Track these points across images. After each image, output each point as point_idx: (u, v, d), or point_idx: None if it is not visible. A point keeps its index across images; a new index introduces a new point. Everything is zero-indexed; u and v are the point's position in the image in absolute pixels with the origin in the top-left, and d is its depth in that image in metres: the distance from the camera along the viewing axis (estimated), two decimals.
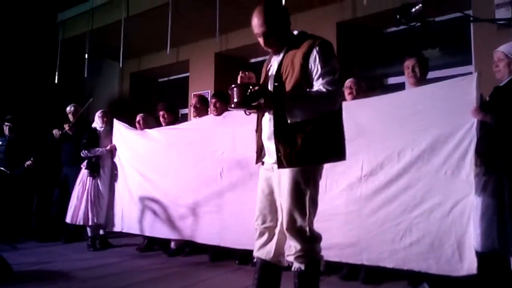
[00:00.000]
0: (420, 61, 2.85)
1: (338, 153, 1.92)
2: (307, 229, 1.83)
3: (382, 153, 2.69)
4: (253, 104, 1.77)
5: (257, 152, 2.05)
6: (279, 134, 1.84)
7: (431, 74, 3.07)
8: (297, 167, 1.82)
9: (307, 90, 1.81)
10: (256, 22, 1.88)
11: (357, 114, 2.86)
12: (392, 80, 4.56)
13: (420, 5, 1.69)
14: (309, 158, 1.82)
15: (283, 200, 1.87)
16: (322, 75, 1.80)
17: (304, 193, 1.83)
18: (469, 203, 2.34)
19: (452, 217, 2.38)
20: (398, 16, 1.75)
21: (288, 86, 1.85)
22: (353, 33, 4.72)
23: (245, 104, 1.78)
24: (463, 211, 2.35)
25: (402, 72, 3.08)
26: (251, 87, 1.76)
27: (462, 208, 2.35)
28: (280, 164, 1.84)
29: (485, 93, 2.53)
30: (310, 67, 1.82)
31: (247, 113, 1.91)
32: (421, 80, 2.84)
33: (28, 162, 4.83)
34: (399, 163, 2.61)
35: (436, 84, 2.68)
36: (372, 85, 3.90)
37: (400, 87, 4.20)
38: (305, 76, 1.82)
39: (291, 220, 1.83)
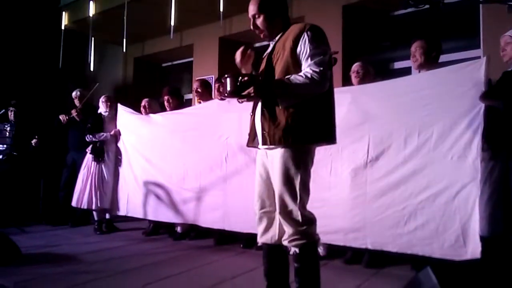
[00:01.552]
0: (427, 44, 2.79)
1: (326, 136, 1.92)
2: (298, 213, 1.84)
3: (389, 138, 2.68)
4: (243, 93, 1.84)
5: (249, 135, 2.08)
6: (263, 112, 1.89)
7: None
8: (279, 146, 1.85)
9: (294, 75, 1.82)
10: (250, 7, 1.99)
11: (363, 99, 2.85)
12: (399, 65, 4.50)
13: None
14: (294, 138, 1.83)
15: (275, 185, 1.90)
16: (311, 56, 1.82)
17: (294, 177, 1.85)
18: (474, 188, 2.33)
19: (457, 202, 2.37)
20: None
21: (277, 69, 1.90)
22: (360, 16, 4.64)
23: (236, 93, 1.85)
24: (468, 196, 2.34)
25: (409, 56, 3.03)
26: (240, 77, 1.82)
27: (467, 193, 2.34)
28: (264, 142, 1.88)
29: (493, 78, 2.49)
30: (299, 49, 1.85)
31: (240, 102, 1.96)
32: (428, 63, 2.78)
33: (34, 141, 4.89)
34: (406, 148, 2.60)
35: (444, 68, 2.64)
36: (379, 70, 3.85)
37: (407, 71, 4.14)
38: (294, 58, 1.86)
39: (282, 204, 1.86)
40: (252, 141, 2.06)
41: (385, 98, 2.78)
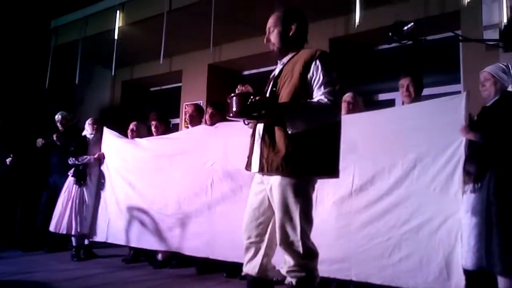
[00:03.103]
0: (415, 80, 2.94)
1: (328, 169, 1.86)
2: (300, 243, 1.78)
3: (373, 169, 2.71)
4: (254, 114, 1.74)
5: (248, 157, 2.00)
6: (264, 136, 1.83)
7: None
8: (276, 174, 1.79)
9: (308, 100, 1.79)
10: (269, 20, 2.00)
11: (349, 129, 2.85)
12: (382, 97, 4.62)
13: (412, 23, 1.74)
14: (292, 168, 1.76)
15: (275, 214, 1.85)
16: (324, 84, 1.79)
17: (294, 207, 1.79)
18: (456, 220, 2.36)
19: (441, 234, 2.39)
20: (390, 34, 1.79)
21: (284, 93, 1.85)
22: (345, 49, 4.79)
23: (244, 113, 1.76)
24: (451, 228, 2.36)
25: (392, 89, 3.13)
26: (252, 97, 1.73)
27: (450, 225, 2.37)
28: (261, 168, 1.82)
29: (473, 113, 2.58)
30: (311, 75, 1.82)
31: (246, 123, 1.88)
32: (415, 98, 2.92)
33: (9, 159, 4.71)
34: (389, 179, 2.63)
35: (426, 102, 2.74)
36: (367, 101, 3.92)
37: (390, 103, 4.25)
38: (303, 84, 1.83)
39: (283, 234, 1.81)
40: (250, 165, 1.96)
41: (369, 129, 2.83)
